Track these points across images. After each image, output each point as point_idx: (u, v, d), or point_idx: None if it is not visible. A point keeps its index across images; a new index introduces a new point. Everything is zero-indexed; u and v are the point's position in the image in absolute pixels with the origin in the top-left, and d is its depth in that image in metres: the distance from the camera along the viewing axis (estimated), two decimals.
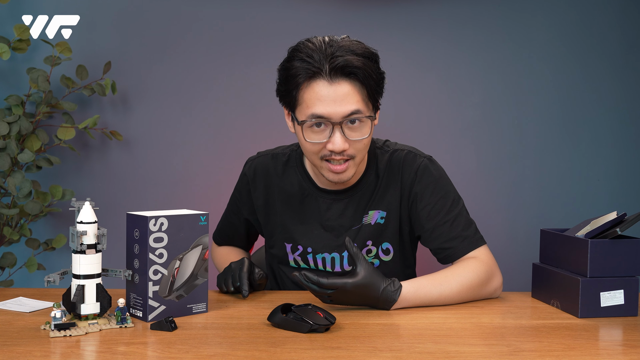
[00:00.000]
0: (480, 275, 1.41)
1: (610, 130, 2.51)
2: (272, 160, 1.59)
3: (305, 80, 1.36)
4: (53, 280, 1.16)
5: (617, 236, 1.29)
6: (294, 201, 1.56)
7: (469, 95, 2.49)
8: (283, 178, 1.57)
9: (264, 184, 1.59)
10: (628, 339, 1.17)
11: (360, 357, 1.04)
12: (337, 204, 1.54)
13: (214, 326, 1.21)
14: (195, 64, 2.43)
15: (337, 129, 1.36)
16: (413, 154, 1.53)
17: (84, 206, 1.17)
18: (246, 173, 1.62)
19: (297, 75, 1.36)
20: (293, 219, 1.56)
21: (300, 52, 1.36)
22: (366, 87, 1.36)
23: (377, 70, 1.39)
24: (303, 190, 1.55)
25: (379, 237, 1.53)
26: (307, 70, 1.35)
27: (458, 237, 1.46)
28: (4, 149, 2.12)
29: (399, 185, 1.51)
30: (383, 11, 2.44)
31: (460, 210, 1.50)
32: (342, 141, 1.36)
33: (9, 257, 2.26)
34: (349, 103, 1.35)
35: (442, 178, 1.52)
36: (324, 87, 1.35)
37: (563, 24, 2.48)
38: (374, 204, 1.52)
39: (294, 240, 1.56)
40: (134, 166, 2.44)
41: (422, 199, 1.50)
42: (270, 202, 1.59)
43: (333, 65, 1.33)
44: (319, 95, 1.35)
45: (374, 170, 1.53)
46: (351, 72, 1.34)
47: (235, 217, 1.68)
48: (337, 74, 1.34)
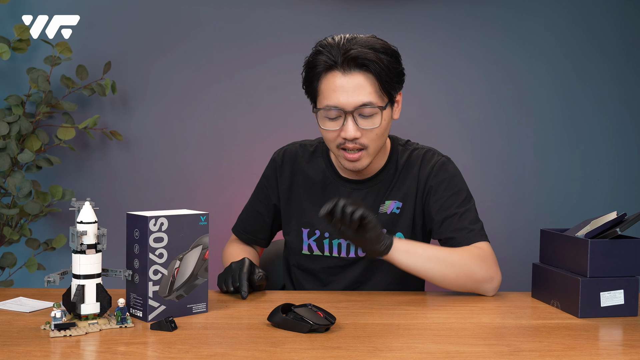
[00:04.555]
0: (472, 258, 1.44)
1: (610, 130, 2.51)
2: (301, 148, 1.68)
3: (323, 72, 1.45)
4: (53, 280, 1.16)
5: (617, 236, 1.29)
6: (316, 188, 1.62)
7: (469, 95, 2.49)
8: (309, 165, 1.65)
9: (290, 170, 1.65)
10: (628, 339, 1.17)
11: (360, 357, 1.04)
12: (357, 193, 1.60)
13: (214, 326, 1.21)
14: (195, 64, 2.43)
15: (350, 117, 1.44)
16: (432, 152, 1.62)
17: (84, 206, 1.17)
18: (275, 158, 1.69)
19: (316, 67, 1.46)
20: (314, 204, 1.61)
21: (322, 47, 1.46)
22: (379, 79, 1.43)
23: (393, 65, 1.46)
24: (326, 179, 1.62)
25: (394, 227, 1.58)
26: (325, 62, 1.44)
27: (465, 229, 1.51)
28: (4, 149, 2.12)
29: (416, 179, 1.58)
30: (383, 11, 2.44)
31: (470, 208, 1.55)
32: (354, 130, 1.44)
33: (9, 257, 2.26)
34: (361, 94, 1.43)
35: (457, 177, 1.59)
36: (339, 78, 1.44)
37: (563, 24, 2.48)
38: (391, 194, 1.58)
39: (312, 224, 1.61)
40: (134, 166, 2.44)
41: (436, 193, 1.56)
42: (293, 188, 1.64)
43: (346, 56, 1.42)
44: (333, 85, 1.44)
45: (394, 164, 1.60)
46: (363, 63, 1.42)
47: (262, 206, 1.70)
48: (350, 66, 1.42)
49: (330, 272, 1.61)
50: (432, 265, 1.42)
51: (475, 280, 1.44)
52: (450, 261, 1.43)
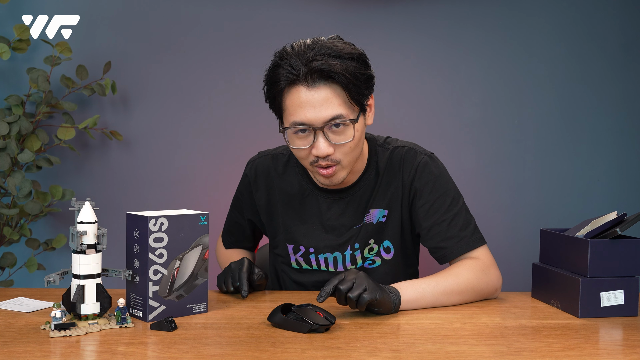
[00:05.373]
0: (478, 276, 1.41)
1: (610, 130, 2.51)
2: (273, 160, 1.59)
3: (286, 87, 1.35)
4: (53, 280, 1.16)
5: (617, 236, 1.29)
6: (295, 201, 1.56)
7: (469, 95, 2.49)
8: (283, 178, 1.57)
9: (266, 185, 1.59)
10: (628, 339, 1.17)
11: (360, 357, 1.04)
12: (337, 204, 1.53)
13: (214, 326, 1.21)
14: (195, 64, 2.43)
15: (320, 134, 1.35)
16: (414, 150, 1.53)
17: (84, 206, 1.17)
18: (247, 174, 1.62)
19: (278, 82, 1.36)
20: (294, 219, 1.56)
21: (282, 59, 1.35)
22: (347, 90, 1.33)
23: (360, 70, 1.35)
24: (303, 191, 1.55)
25: (381, 235, 1.53)
26: (287, 77, 1.34)
27: (455, 237, 1.46)
28: (4, 149, 2.12)
29: (399, 183, 1.51)
30: (383, 11, 2.44)
31: (459, 210, 1.49)
32: (325, 146, 1.35)
33: (9, 257, 2.26)
34: (329, 108, 1.33)
35: (442, 176, 1.51)
36: (303, 93, 1.33)
37: (563, 24, 2.48)
38: (375, 202, 1.52)
39: (296, 240, 1.56)
40: (134, 166, 2.44)
41: (422, 197, 1.49)
42: (272, 203, 1.59)
43: (310, 69, 1.32)
44: (299, 101, 1.34)
45: (374, 168, 1.52)
46: (329, 75, 1.32)
47: (240, 218, 1.68)
48: (315, 79, 1.32)
49: (320, 286, 1.51)
50: (443, 300, 1.37)
51: (482, 295, 1.43)
52: (458, 290, 1.38)
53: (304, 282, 1.59)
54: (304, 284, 1.59)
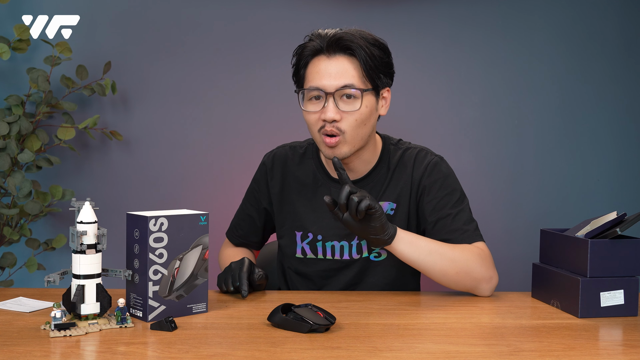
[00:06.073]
0: (473, 258, 1.44)
1: (610, 130, 2.51)
2: (291, 150, 1.67)
3: (310, 57, 1.48)
4: (53, 280, 1.16)
5: (617, 236, 1.29)
6: (308, 190, 1.61)
7: (469, 95, 2.49)
8: (299, 168, 1.63)
9: (281, 173, 1.64)
10: (628, 339, 1.17)
11: (360, 357, 1.04)
12: None
13: (214, 326, 1.21)
14: (195, 64, 2.43)
15: (330, 99, 1.44)
16: (425, 152, 1.60)
17: (84, 206, 1.17)
18: (265, 162, 1.68)
19: (304, 54, 1.49)
20: (305, 207, 1.60)
21: (312, 35, 1.50)
22: (363, 64, 1.44)
23: (380, 55, 1.46)
24: (317, 180, 1.61)
25: None
26: (313, 47, 1.47)
27: (458, 230, 1.50)
28: (4, 149, 2.12)
29: (409, 179, 1.57)
30: (383, 11, 2.44)
31: (464, 208, 1.54)
32: (334, 111, 1.43)
33: (9, 257, 2.26)
34: (343, 77, 1.44)
35: (451, 176, 1.57)
36: (323, 62, 1.46)
37: (563, 23, 2.48)
38: (385, 195, 1.57)
39: (305, 227, 1.59)
40: (134, 166, 2.44)
41: (429, 193, 1.54)
42: (285, 191, 1.63)
43: (334, 39, 1.44)
44: (318, 69, 1.46)
45: (386, 164, 1.59)
46: (348, 46, 1.44)
47: (253, 209, 1.70)
48: (334, 49, 1.45)
49: (324, 275, 1.60)
50: (434, 259, 1.42)
51: (474, 279, 1.44)
52: (452, 257, 1.43)
53: (307, 272, 1.61)
54: (307, 274, 1.61)
